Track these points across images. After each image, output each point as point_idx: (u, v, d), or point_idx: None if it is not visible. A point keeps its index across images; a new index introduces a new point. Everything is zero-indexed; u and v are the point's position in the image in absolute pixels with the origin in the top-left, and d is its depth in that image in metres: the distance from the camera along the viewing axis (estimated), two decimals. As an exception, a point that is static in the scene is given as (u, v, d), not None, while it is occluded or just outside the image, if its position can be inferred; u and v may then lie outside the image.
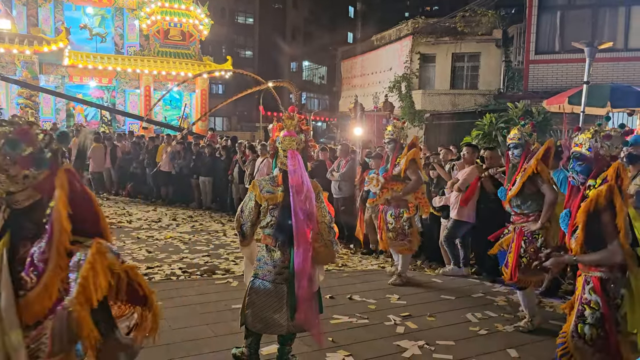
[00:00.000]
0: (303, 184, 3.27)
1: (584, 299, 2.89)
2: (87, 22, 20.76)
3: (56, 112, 19.98)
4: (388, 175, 5.81)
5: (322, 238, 3.41)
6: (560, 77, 13.95)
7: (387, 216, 5.90)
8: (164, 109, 22.04)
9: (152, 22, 20.85)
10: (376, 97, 19.98)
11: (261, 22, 38.64)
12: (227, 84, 33.46)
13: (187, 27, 21.60)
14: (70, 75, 19.92)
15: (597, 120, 3.05)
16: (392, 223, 5.85)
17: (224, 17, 35.25)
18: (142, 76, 20.82)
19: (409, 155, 5.73)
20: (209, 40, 24.77)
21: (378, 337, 4.31)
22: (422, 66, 20.49)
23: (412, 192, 5.79)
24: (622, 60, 13.34)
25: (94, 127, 19.36)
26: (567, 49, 13.38)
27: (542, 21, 14.49)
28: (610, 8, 13.81)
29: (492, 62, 19.20)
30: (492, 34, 19.01)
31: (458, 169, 6.58)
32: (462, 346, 4.18)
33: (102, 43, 21.00)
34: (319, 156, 9.14)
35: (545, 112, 12.81)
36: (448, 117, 18.35)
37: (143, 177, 12.66)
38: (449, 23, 19.79)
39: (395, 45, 21.72)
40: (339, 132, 24.14)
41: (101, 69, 19.85)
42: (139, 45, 21.41)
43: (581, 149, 2.92)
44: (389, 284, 5.85)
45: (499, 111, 14.59)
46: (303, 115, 3.77)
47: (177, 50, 21.64)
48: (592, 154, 2.88)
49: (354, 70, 26.30)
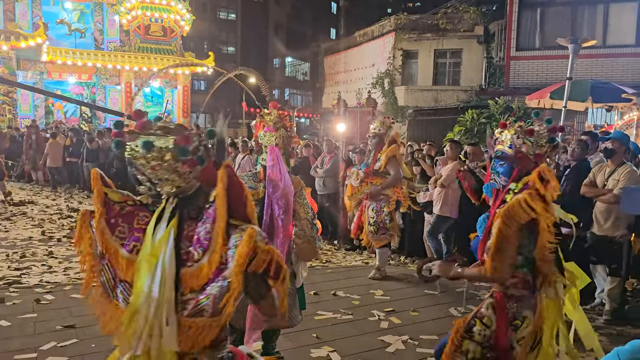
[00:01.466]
0: (281, 179, 3.26)
1: (479, 312, 2.56)
2: (65, 17, 20.37)
3: (35, 109, 19.61)
4: (369, 170, 5.88)
5: (305, 234, 3.41)
6: (541, 74, 14.14)
7: (368, 211, 5.98)
8: (145, 105, 21.79)
9: (132, 17, 20.55)
10: (359, 93, 20.00)
11: (243, 17, 38.36)
12: (210, 80, 33.17)
13: (168, 23, 21.33)
14: (49, 71, 19.56)
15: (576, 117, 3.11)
16: (374, 217, 5.94)
17: (205, 12, 34.93)
18: (123, 72, 20.53)
19: (389, 151, 5.84)
20: (190, 36, 24.52)
21: (362, 333, 4.33)
22: (405, 62, 20.57)
23: (390, 187, 5.90)
24: (600, 56, 13.56)
25: (73, 124, 19.04)
26: (547, 46, 13.57)
27: (523, 18, 14.66)
28: (589, 5, 14.02)
29: (473, 59, 19.35)
30: (474, 30, 19.15)
31: (441, 165, 6.62)
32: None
33: (82, 38, 20.64)
34: (303, 152, 9.13)
35: (525, 107, 12.96)
36: (430, 113, 18.46)
37: (125, 174, 12.49)
38: (431, 20, 19.89)
39: (378, 42, 21.77)
40: (322, 129, 24.14)
41: (80, 64, 19.52)
42: (119, 40, 21.08)
43: (503, 147, 2.54)
44: (368, 277, 5.93)
45: (480, 107, 14.72)
46: (286, 111, 3.76)
47: (159, 46, 21.37)
48: (513, 152, 2.50)
49: (337, 67, 26.29)
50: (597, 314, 4.97)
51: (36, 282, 5.41)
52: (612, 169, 4.82)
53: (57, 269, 5.96)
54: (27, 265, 6.03)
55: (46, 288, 5.21)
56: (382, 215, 5.91)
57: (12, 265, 6.00)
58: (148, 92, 21.91)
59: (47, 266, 6.05)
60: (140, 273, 1.78)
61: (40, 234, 7.73)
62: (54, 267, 6.03)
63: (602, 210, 4.88)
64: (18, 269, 5.84)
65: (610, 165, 4.87)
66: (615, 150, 4.81)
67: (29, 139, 14.05)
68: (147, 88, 21.62)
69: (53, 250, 6.76)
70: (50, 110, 20.41)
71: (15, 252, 6.59)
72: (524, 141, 2.49)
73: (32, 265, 6.05)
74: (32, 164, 14.06)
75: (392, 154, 5.83)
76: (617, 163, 4.81)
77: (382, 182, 5.85)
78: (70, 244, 7.16)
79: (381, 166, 5.83)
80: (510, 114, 5.05)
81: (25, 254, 6.51)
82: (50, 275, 5.67)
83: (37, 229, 8.14)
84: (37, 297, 4.92)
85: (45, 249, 6.84)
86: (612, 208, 4.79)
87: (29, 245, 7.00)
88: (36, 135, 14.04)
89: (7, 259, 6.25)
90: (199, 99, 31.41)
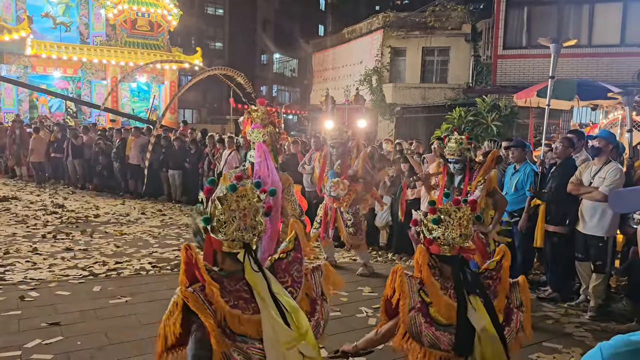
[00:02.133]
0: (268, 175, 3.26)
1: None
2: (50, 10, 20.07)
3: (18, 103, 19.33)
4: (348, 177, 5.95)
5: None
6: (528, 72, 14.24)
7: (344, 214, 6.07)
8: (131, 100, 21.59)
9: (118, 11, 20.33)
10: (347, 90, 19.99)
11: (231, 13, 38.09)
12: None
13: (155, 17, 21.14)
14: (33, 65, 19.29)
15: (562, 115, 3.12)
16: (351, 219, 6.06)
17: (193, 7, 34.63)
18: (109, 67, 20.31)
19: (362, 156, 6.02)
20: (177, 31, 24.32)
21: (350, 329, 4.34)
22: (393, 60, 20.62)
23: (369, 191, 6.15)
24: (586, 56, 13.70)
25: (58, 119, 18.80)
26: (533, 45, 13.66)
27: (510, 17, 14.75)
28: (574, 5, 14.15)
29: (461, 57, 19.45)
30: (462, 28, 19.25)
31: (429, 162, 6.65)
32: (432, 336, 4.24)
33: (67, 32, 20.37)
34: (291, 149, 9.10)
35: (512, 105, 13.07)
36: (418, 110, 18.54)
37: (110, 171, 12.38)
38: (419, 17, 19.94)
39: (366, 39, 21.78)
40: (310, 125, 24.10)
41: (66, 59, 19.28)
42: (105, 35, 20.85)
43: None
44: (357, 274, 5.98)
45: (468, 105, 14.83)
46: (274, 107, 3.76)
47: (145, 40, 21.17)
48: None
49: (325, 63, 26.26)
50: (582, 311, 5.03)
51: (20, 279, 5.34)
52: (599, 167, 4.87)
53: (42, 265, 5.88)
54: (11, 261, 5.95)
55: (30, 285, 5.15)
56: (359, 216, 6.12)
57: (-4, 261, 5.92)
58: (135, 87, 21.71)
59: (32, 263, 5.97)
60: (267, 313, 1.96)
61: (25, 230, 7.63)
62: (38, 263, 5.95)
63: (587, 207, 4.94)
64: (2, 266, 5.75)
65: (596, 163, 4.92)
66: (602, 149, 4.87)
67: (13, 133, 13.84)
68: (134, 83, 21.43)
69: (37, 247, 6.67)
70: (35, 105, 20.13)
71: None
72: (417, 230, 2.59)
73: (16, 261, 5.97)
74: (15, 159, 13.86)
75: (364, 159, 6.04)
76: (604, 161, 4.87)
77: (362, 188, 6.01)
78: (55, 240, 7.08)
79: (357, 172, 5.96)
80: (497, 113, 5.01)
81: (9, 251, 6.42)
82: (34, 272, 5.60)
83: (20, 225, 8.03)
84: (21, 294, 4.85)
85: (30, 245, 6.75)
86: (597, 206, 4.85)
87: (12, 242, 6.91)
88: (20, 130, 13.83)
89: (-10, 256, 6.16)
90: (186, 95, 31.17)
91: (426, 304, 2.32)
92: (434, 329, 2.29)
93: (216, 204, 1.93)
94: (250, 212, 1.95)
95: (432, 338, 2.29)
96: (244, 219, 1.94)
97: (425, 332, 2.29)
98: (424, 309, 2.31)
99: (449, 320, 2.28)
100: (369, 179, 6.07)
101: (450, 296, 2.31)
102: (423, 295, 2.33)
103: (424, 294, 2.33)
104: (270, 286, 1.98)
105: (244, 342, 1.92)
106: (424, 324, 2.29)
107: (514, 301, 2.45)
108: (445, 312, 2.29)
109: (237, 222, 1.93)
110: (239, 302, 1.94)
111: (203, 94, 34.32)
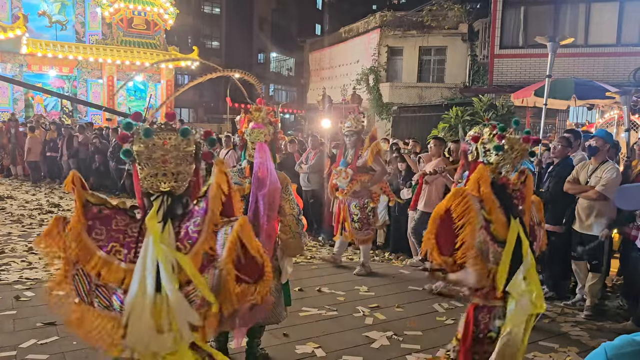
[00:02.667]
0: (268, 177, 3.24)
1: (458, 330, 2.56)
2: (46, 8, 19.97)
3: (14, 102, 19.25)
4: (354, 167, 5.88)
5: (291, 230, 3.40)
6: (524, 72, 14.27)
7: (351, 207, 5.97)
8: (128, 99, 21.51)
9: (114, 10, 20.25)
10: (344, 89, 20.00)
11: (228, 12, 38.01)
12: (194, 75, 32.88)
13: (151, 16, 21.07)
14: (29, 64, 19.20)
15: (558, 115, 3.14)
16: (358, 214, 5.98)
17: (189, 6, 34.54)
18: (105, 66, 20.24)
19: (373, 147, 5.86)
20: (174, 30, 24.25)
21: (347, 329, 4.34)
22: (390, 59, 20.62)
23: (378, 182, 5.99)
24: (582, 55, 13.72)
25: (54, 118, 18.72)
26: (530, 44, 13.69)
27: (507, 16, 14.77)
28: (571, 4, 14.18)
29: (458, 56, 19.46)
30: (458, 28, 19.26)
31: (425, 162, 6.65)
32: (429, 336, 4.25)
33: (63, 31, 20.28)
34: (288, 148, 9.09)
35: (509, 105, 13.08)
36: (415, 109, 18.54)
37: (106, 170, 12.34)
38: (416, 17, 19.94)
39: (363, 38, 21.77)
40: (307, 125, 24.09)
41: (61, 57, 19.20)
42: (101, 33, 20.77)
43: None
44: (354, 274, 5.95)
45: (464, 104, 14.84)
46: (271, 107, 3.74)
47: (142, 39, 21.10)
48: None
49: (322, 62, 26.24)
50: (578, 310, 5.04)
51: (15, 278, 5.31)
52: (595, 166, 4.89)
53: (37, 265, 5.86)
54: (6, 261, 5.92)
55: (26, 285, 5.12)
56: (366, 211, 5.98)
57: (-9, 261, 5.89)
58: (131, 86, 21.63)
59: (27, 262, 5.94)
60: (140, 274, 1.76)
61: (20, 230, 7.60)
62: (34, 263, 5.93)
63: (584, 207, 4.95)
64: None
65: (593, 162, 4.94)
66: (599, 148, 4.88)
67: (8, 132, 13.79)
68: (130, 82, 21.37)
69: (33, 246, 6.64)
70: (30, 104, 20.03)
71: (-6, 248, 6.47)
72: (469, 146, 2.58)
73: (11, 261, 5.94)
74: (11, 158, 13.80)
75: (376, 150, 5.87)
76: (600, 160, 4.89)
77: (369, 178, 5.87)
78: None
79: (367, 162, 5.84)
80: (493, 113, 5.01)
81: (4, 250, 6.39)
82: (30, 272, 5.57)
83: (16, 224, 8.00)
84: (16, 293, 4.83)
85: (25, 244, 6.72)
86: (593, 205, 4.86)
87: (8, 241, 6.87)
88: (15, 129, 13.77)
89: (-15, 255, 6.13)
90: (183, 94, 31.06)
91: (487, 221, 2.36)
92: (497, 245, 2.35)
93: (135, 140, 1.83)
94: (172, 158, 1.83)
95: (496, 254, 2.35)
96: (163, 165, 1.82)
97: (491, 249, 2.34)
98: (487, 227, 2.35)
99: (504, 237, 2.35)
100: (380, 171, 5.92)
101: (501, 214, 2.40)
102: (484, 213, 2.36)
103: (485, 212, 2.36)
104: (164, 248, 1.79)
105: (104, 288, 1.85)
106: (490, 242, 2.35)
107: (533, 219, 2.60)
108: (502, 229, 2.36)
109: (150, 168, 1.83)
110: (111, 244, 1.84)
111: (200, 92, 34.26)
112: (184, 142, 1.85)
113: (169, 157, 1.82)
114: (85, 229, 1.85)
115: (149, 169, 1.83)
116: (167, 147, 1.82)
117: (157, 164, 1.82)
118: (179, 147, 1.84)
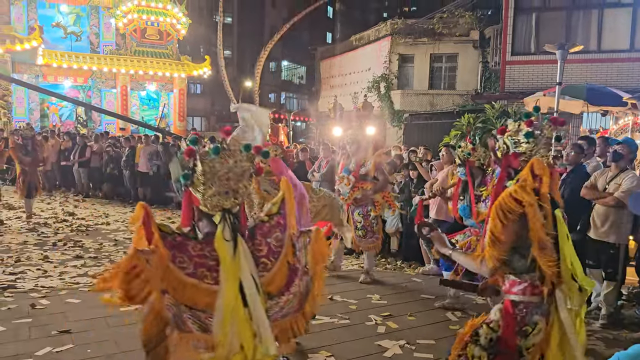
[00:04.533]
0: (295, 185, 3.31)
1: (488, 318, 2.49)
2: (61, 20, 20.34)
3: (30, 112, 19.57)
4: (357, 175, 5.92)
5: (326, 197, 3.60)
6: (536, 78, 14.18)
7: (354, 215, 6.01)
8: (141, 108, 21.75)
9: (128, 20, 20.55)
10: (355, 97, 20.04)
11: (240, 21, 38.36)
12: (206, 84, 33.16)
13: (164, 26, 21.34)
14: (44, 74, 19.53)
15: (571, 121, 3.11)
16: (361, 221, 6.01)
17: (202, 16, 34.90)
18: (119, 75, 20.52)
19: (377, 156, 5.96)
20: (186, 40, 24.51)
21: (359, 337, 4.32)
22: (401, 66, 20.63)
23: (380, 191, 6.00)
24: (595, 61, 13.62)
25: (68, 128, 18.96)
26: (542, 50, 13.60)
27: (518, 23, 14.71)
28: (584, 10, 14.09)
29: (469, 63, 19.41)
30: (470, 35, 19.23)
31: (437, 170, 6.63)
32: (442, 345, 4.21)
33: (77, 42, 20.61)
34: (300, 157, 9.12)
35: (521, 112, 12.98)
36: (427, 117, 18.50)
37: (120, 178, 12.46)
38: (427, 24, 19.95)
39: (374, 46, 21.82)
40: (318, 132, 24.13)
41: (76, 68, 19.51)
42: (115, 44, 21.07)
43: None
44: (359, 282, 5.95)
45: (476, 111, 14.75)
46: (282, 115, 3.81)
47: (155, 49, 21.38)
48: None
49: (333, 70, 26.32)
50: (593, 318, 4.97)
51: (31, 286, 5.37)
52: (615, 173, 4.84)
53: (53, 273, 5.92)
54: (22, 269, 5.99)
55: (41, 293, 5.18)
56: (370, 219, 6.01)
57: (7, 269, 5.96)
58: (144, 95, 21.88)
59: (43, 270, 6.01)
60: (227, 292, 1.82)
61: (35, 238, 7.69)
62: (49, 271, 5.99)
63: (600, 213, 4.90)
64: (13, 274, 5.79)
65: (613, 169, 4.89)
66: (623, 155, 4.84)
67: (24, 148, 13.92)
68: (143, 91, 21.61)
69: (48, 255, 6.72)
70: (46, 114, 20.35)
71: (10, 256, 6.55)
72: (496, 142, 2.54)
73: (27, 269, 6.01)
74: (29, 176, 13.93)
75: (379, 159, 5.97)
76: (621, 168, 4.84)
77: (372, 187, 5.90)
78: (66, 248, 7.12)
79: (370, 171, 5.89)
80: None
81: (20, 258, 6.47)
82: (45, 280, 5.63)
83: (31, 233, 8.10)
84: (32, 301, 4.88)
85: (41, 253, 6.80)
86: (610, 212, 4.81)
87: (23, 250, 6.96)
88: (32, 142, 13.91)
89: (1, 263, 6.20)
90: (195, 103, 31.32)
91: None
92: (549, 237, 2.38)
93: (197, 163, 1.84)
94: (234, 175, 1.86)
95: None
96: (227, 182, 1.85)
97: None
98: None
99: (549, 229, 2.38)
100: (382, 179, 5.96)
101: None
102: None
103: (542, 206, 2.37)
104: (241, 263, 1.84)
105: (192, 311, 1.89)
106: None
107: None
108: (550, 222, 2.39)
109: (217, 186, 1.84)
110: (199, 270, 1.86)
111: (211, 101, 34.51)
112: (244, 158, 1.89)
113: (231, 174, 1.86)
114: (170, 259, 1.88)
115: (216, 187, 1.84)
116: (229, 164, 1.86)
117: (222, 181, 1.85)
118: (239, 164, 1.88)
